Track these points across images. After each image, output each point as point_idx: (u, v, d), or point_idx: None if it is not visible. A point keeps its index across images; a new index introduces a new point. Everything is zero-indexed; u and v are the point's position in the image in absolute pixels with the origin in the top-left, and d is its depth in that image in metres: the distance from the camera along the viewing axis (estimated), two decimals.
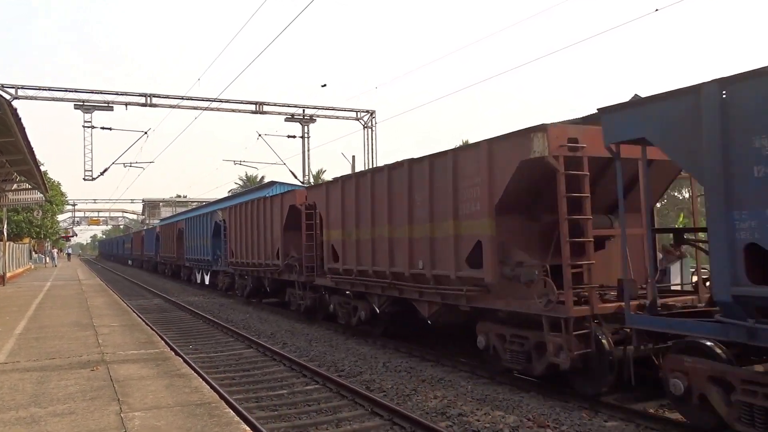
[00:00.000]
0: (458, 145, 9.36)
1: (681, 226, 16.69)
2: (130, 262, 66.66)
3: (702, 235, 7.99)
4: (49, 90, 30.64)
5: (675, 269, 9.92)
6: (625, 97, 6.97)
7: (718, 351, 6.07)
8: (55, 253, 56.09)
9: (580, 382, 7.85)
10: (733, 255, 5.58)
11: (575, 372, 7.66)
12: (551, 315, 7.68)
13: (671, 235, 9.33)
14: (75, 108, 31.73)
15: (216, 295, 24.96)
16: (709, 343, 6.15)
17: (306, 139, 37.75)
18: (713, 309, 6.64)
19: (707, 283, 7.95)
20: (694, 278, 9.43)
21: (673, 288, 9.42)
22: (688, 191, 13.13)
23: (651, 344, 7.10)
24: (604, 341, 7.44)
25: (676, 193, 39.31)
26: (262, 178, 74.25)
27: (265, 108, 35.32)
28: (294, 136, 37.61)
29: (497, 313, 8.92)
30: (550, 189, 7.97)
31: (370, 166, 31.95)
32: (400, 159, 11.20)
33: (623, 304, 7.20)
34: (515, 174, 8.16)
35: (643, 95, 6.99)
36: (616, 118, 6.81)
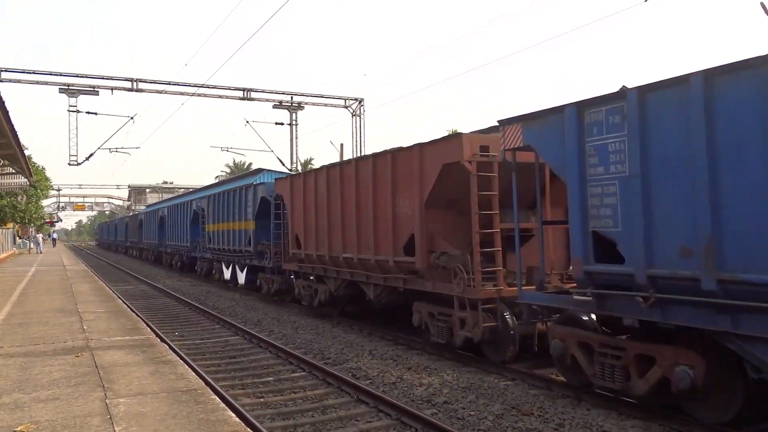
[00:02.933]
0: (394, 147, 10.83)
1: None
2: (202, 269, 25.92)
3: None
4: (33, 73, 30.19)
5: None
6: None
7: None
8: (40, 239, 54.69)
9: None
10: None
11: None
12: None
13: None
14: (60, 92, 31.32)
15: (202, 282, 24.91)
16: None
17: (294, 127, 37.57)
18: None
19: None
20: None
21: None
22: None
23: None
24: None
25: None
26: (250, 164, 73.96)
27: (253, 95, 35.07)
28: (282, 123, 37.43)
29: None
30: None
31: (358, 155, 31.88)
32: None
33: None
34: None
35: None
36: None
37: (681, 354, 6.17)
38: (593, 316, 7.43)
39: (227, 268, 21.73)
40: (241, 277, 20.26)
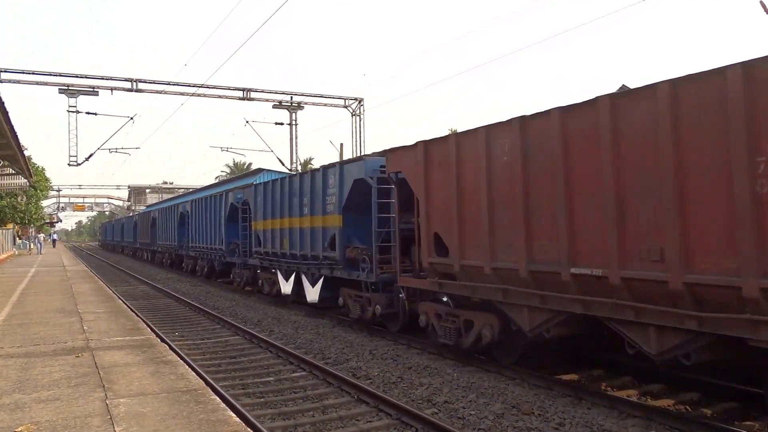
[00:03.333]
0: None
1: None
2: (241, 279, 20.98)
3: None
4: (33, 74, 30.19)
5: None
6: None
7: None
8: (41, 239, 54.46)
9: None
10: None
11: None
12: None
13: None
14: (59, 92, 31.33)
15: (202, 282, 24.90)
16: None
17: (294, 126, 37.57)
18: None
19: None
20: None
21: None
22: None
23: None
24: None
25: None
26: (250, 164, 73.96)
27: (253, 95, 35.08)
28: (282, 123, 37.43)
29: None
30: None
31: (357, 154, 31.85)
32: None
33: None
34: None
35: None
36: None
37: None
38: None
39: (286, 279, 16.32)
40: (312, 293, 14.71)
